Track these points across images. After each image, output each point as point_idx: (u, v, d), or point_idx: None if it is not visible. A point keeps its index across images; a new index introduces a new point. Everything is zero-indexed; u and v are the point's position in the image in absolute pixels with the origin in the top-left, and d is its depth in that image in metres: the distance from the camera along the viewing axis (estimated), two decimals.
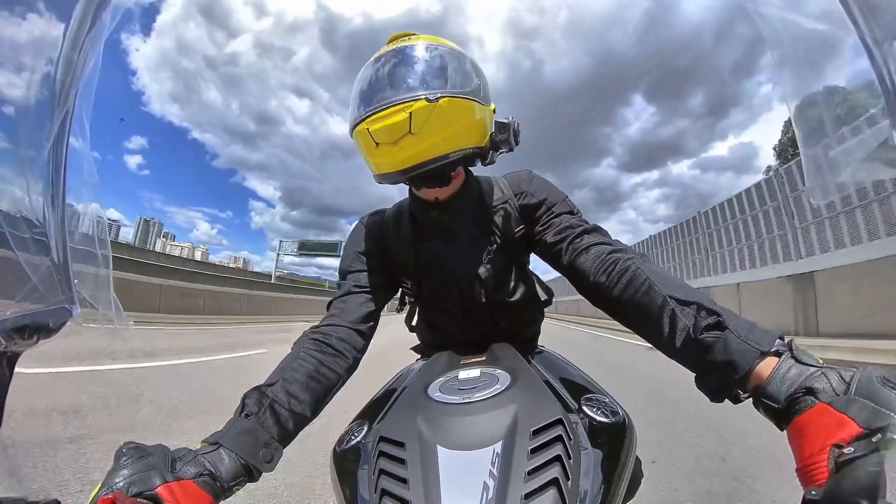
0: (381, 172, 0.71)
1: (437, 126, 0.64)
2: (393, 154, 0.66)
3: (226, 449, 0.51)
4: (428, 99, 0.63)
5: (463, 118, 0.67)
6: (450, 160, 0.68)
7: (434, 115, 0.63)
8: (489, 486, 0.41)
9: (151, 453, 0.46)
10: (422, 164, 0.66)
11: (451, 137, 0.67)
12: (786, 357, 0.46)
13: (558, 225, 0.77)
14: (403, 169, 0.67)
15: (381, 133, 0.64)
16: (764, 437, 2.34)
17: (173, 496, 0.43)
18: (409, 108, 0.62)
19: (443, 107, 0.64)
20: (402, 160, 0.66)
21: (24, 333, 0.51)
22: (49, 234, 0.62)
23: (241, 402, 0.58)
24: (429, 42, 0.70)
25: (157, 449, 0.47)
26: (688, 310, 0.54)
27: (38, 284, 0.58)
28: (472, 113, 0.68)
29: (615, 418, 0.55)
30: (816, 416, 0.39)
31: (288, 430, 0.59)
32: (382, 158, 0.68)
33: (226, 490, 0.49)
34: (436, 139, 0.65)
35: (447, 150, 0.67)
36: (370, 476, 0.47)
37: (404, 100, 0.63)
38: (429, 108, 0.63)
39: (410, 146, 0.64)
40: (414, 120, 0.62)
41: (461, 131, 0.68)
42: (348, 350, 0.72)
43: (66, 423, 2.49)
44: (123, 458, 0.44)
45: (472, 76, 0.70)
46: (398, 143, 0.64)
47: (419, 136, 0.64)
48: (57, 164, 0.64)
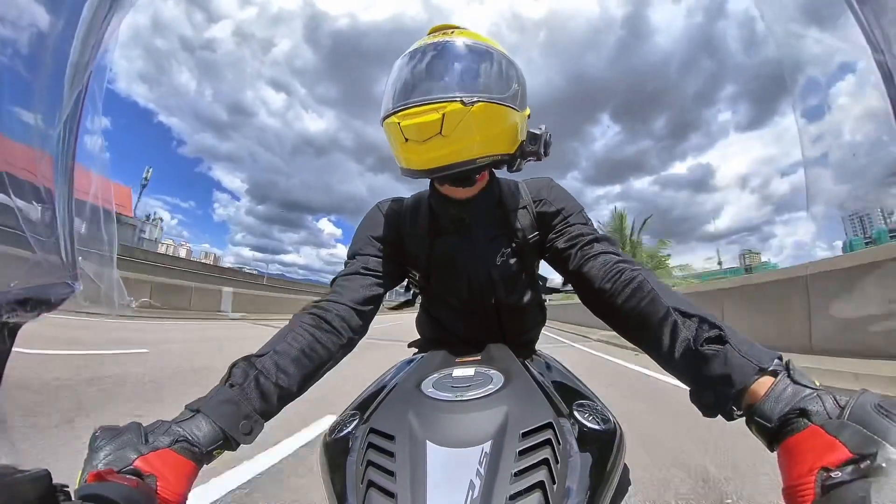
0: (407, 167, 0.71)
1: (468, 130, 0.63)
2: (421, 153, 0.65)
3: (205, 416, 0.51)
4: (463, 102, 0.61)
5: (496, 125, 0.66)
6: (477, 165, 0.67)
7: (467, 119, 0.62)
8: (475, 485, 0.41)
9: (125, 431, 0.46)
10: (448, 167, 0.66)
11: (481, 143, 0.66)
12: (782, 377, 0.46)
13: (570, 232, 0.77)
14: (429, 168, 0.67)
15: (412, 130, 0.63)
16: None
17: (151, 466, 0.43)
18: (443, 109, 0.61)
19: (477, 111, 0.62)
20: (429, 160, 0.66)
21: (25, 306, 0.51)
22: (56, 210, 0.62)
23: (228, 370, 0.58)
24: (471, 39, 0.69)
25: (131, 426, 0.47)
26: (690, 322, 0.54)
27: (42, 259, 0.59)
28: (505, 119, 0.67)
29: (606, 425, 0.55)
30: (807, 438, 0.39)
31: (272, 405, 0.58)
32: (410, 155, 0.67)
33: (205, 455, 0.50)
34: (466, 143, 0.64)
35: (475, 156, 0.66)
36: (358, 467, 0.47)
37: (439, 99, 0.62)
38: (463, 111, 0.61)
39: (439, 147, 0.64)
40: (446, 122, 0.61)
41: (492, 138, 0.67)
42: (345, 329, 0.71)
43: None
44: (98, 441, 0.45)
45: (512, 80, 0.69)
46: (427, 143, 0.63)
47: (449, 139, 0.63)
48: (68, 141, 0.65)
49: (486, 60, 0.68)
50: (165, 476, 0.44)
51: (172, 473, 0.45)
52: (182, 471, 0.46)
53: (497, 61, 0.68)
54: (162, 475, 0.44)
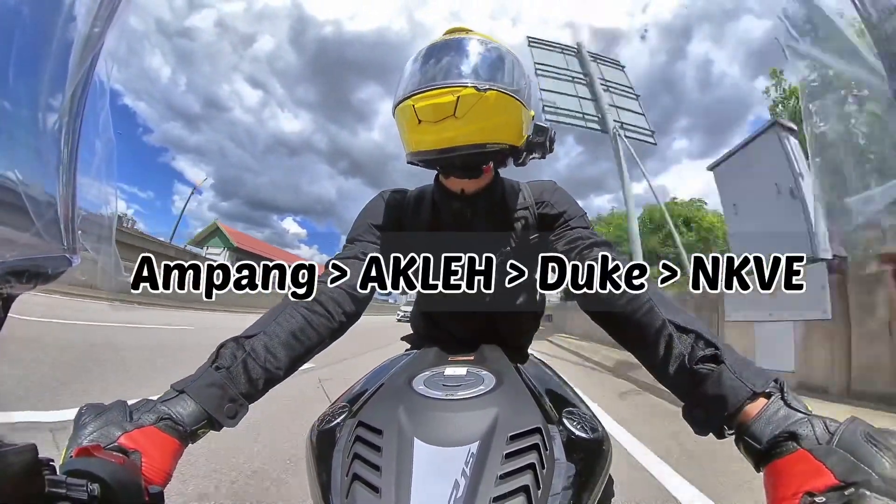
0: (417, 150, 0.72)
1: (480, 115, 0.66)
2: (433, 132, 0.67)
3: (189, 397, 0.51)
4: (477, 88, 0.64)
5: (506, 114, 0.69)
6: (486, 150, 0.69)
7: (480, 103, 0.65)
8: (460, 485, 0.41)
9: (110, 409, 0.46)
10: (458, 148, 0.68)
11: (491, 129, 0.68)
12: (775, 399, 0.46)
13: (571, 235, 0.78)
14: (440, 149, 0.69)
15: (426, 111, 0.66)
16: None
17: (136, 443, 0.44)
18: (458, 93, 0.64)
19: (489, 98, 0.65)
20: (441, 140, 0.68)
21: (21, 277, 0.51)
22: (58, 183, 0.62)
23: (216, 350, 0.57)
24: (485, 39, 0.73)
25: (116, 404, 0.48)
26: (686, 337, 0.54)
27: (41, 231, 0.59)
28: (515, 111, 0.70)
29: (594, 434, 0.55)
30: (795, 461, 0.39)
31: (257, 389, 0.58)
32: (422, 136, 0.69)
33: (190, 434, 0.50)
34: (477, 127, 0.67)
35: (485, 140, 0.69)
36: (344, 459, 0.47)
37: (454, 84, 0.65)
38: (476, 96, 0.64)
39: (451, 128, 0.66)
40: (460, 104, 0.64)
41: (502, 125, 0.70)
42: (338, 314, 0.70)
43: None
44: (83, 418, 0.45)
45: (521, 79, 0.72)
46: (440, 123, 0.66)
47: (462, 121, 0.65)
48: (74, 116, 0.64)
49: (499, 57, 0.70)
50: (150, 453, 0.44)
51: (157, 451, 0.45)
52: (167, 448, 0.46)
53: (509, 60, 0.71)
54: (147, 452, 0.44)
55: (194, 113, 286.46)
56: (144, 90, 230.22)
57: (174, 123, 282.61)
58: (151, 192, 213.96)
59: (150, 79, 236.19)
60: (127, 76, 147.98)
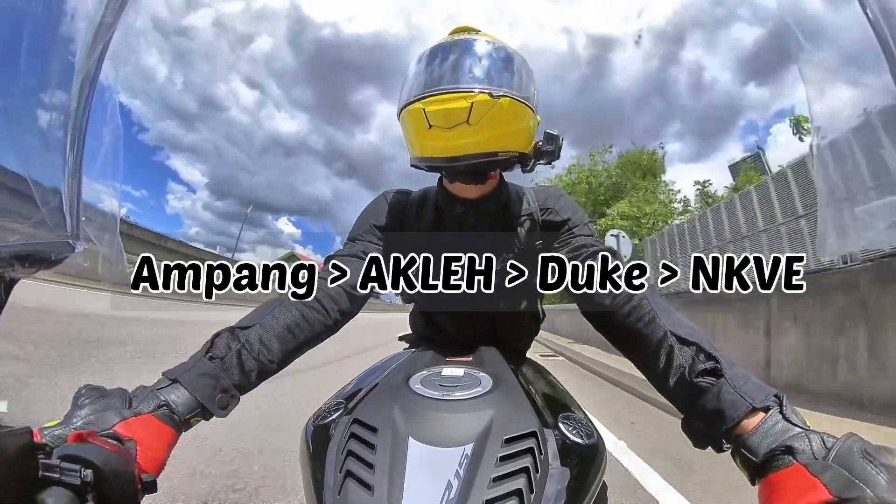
0: (426, 155, 0.70)
1: (493, 122, 0.64)
2: (444, 139, 0.65)
3: (182, 386, 0.51)
4: (491, 94, 0.63)
5: (518, 121, 0.68)
6: (497, 158, 0.68)
7: (494, 111, 0.63)
8: (453, 486, 0.41)
9: (110, 394, 0.46)
10: (470, 157, 0.66)
11: (503, 136, 0.67)
12: (774, 412, 0.46)
13: (574, 243, 0.77)
14: (451, 157, 0.67)
15: (438, 116, 0.64)
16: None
17: (131, 431, 0.44)
18: (472, 98, 0.62)
19: (503, 105, 0.64)
20: (452, 147, 0.66)
21: (24, 261, 0.51)
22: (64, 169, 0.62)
23: (211, 340, 0.57)
24: (495, 40, 0.71)
25: (117, 391, 0.48)
26: (686, 349, 0.54)
27: (46, 217, 0.59)
28: (526, 118, 0.69)
29: (589, 440, 0.55)
30: (790, 476, 0.39)
31: (250, 381, 0.58)
32: (432, 142, 0.67)
33: (184, 422, 0.50)
34: (489, 135, 0.66)
35: (497, 149, 0.67)
36: (338, 455, 0.47)
37: (468, 88, 0.63)
38: (490, 102, 0.63)
39: (464, 136, 0.64)
40: (474, 111, 0.62)
41: (514, 133, 0.69)
42: (334, 311, 0.69)
43: None
44: (81, 399, 0.45)
45: (531, 84, 0.71)
46: (453, 130, 0.64)
47: (475, 128, 0.63)
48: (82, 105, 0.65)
49: (510, 61, 0.69)
50: (145, 442, 0.44)
51: (153, 439, 0.45)
52: (163, 437, 0.47)
53: (519, 64, 0.70)
54: (142, 440, 0.44)
55: (190, 112, 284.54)
56: (140, 88, 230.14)
57: (169, 122, 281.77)
58: (145, 190, 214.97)
59: (146, 77, 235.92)
60: (122, 74, 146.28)
